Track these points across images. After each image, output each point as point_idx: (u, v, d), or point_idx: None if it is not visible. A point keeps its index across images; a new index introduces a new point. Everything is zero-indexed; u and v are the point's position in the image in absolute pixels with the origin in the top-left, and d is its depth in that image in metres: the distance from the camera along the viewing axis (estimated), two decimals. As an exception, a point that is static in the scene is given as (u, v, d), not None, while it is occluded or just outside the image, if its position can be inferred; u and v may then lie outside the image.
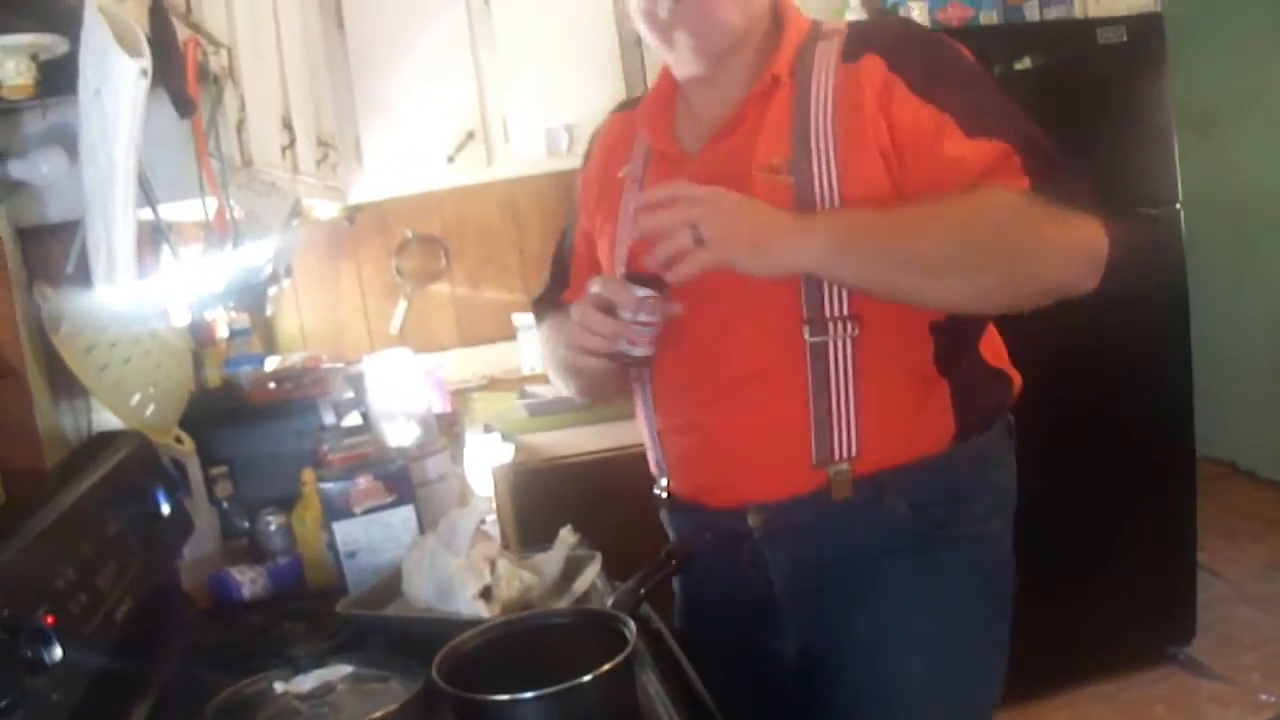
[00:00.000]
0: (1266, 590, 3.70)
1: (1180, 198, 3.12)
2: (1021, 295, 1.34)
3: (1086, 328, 3.04)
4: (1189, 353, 3.19)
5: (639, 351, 1.34)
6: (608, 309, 1.32)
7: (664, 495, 1.59)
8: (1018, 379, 1.53)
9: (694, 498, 1.53)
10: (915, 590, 1.42)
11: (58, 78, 1.30)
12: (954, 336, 1.42)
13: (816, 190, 1.35)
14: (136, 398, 1.62)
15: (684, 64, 1.49)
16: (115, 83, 1.10)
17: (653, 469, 1.61)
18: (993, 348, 1.51)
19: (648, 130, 1.56)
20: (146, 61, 1.12)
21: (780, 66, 1.42)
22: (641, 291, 1.30)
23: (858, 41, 1.41)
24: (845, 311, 1.36)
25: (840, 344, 1.37)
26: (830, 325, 1.37)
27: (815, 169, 1.36)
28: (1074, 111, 2.99)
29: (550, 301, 1.74)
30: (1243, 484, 4.67)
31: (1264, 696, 3.09)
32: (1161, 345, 3.16)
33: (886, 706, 1.44)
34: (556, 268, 1.77)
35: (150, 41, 1.21)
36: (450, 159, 3.38)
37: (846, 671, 1.45)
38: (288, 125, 2.39)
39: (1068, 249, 1.30)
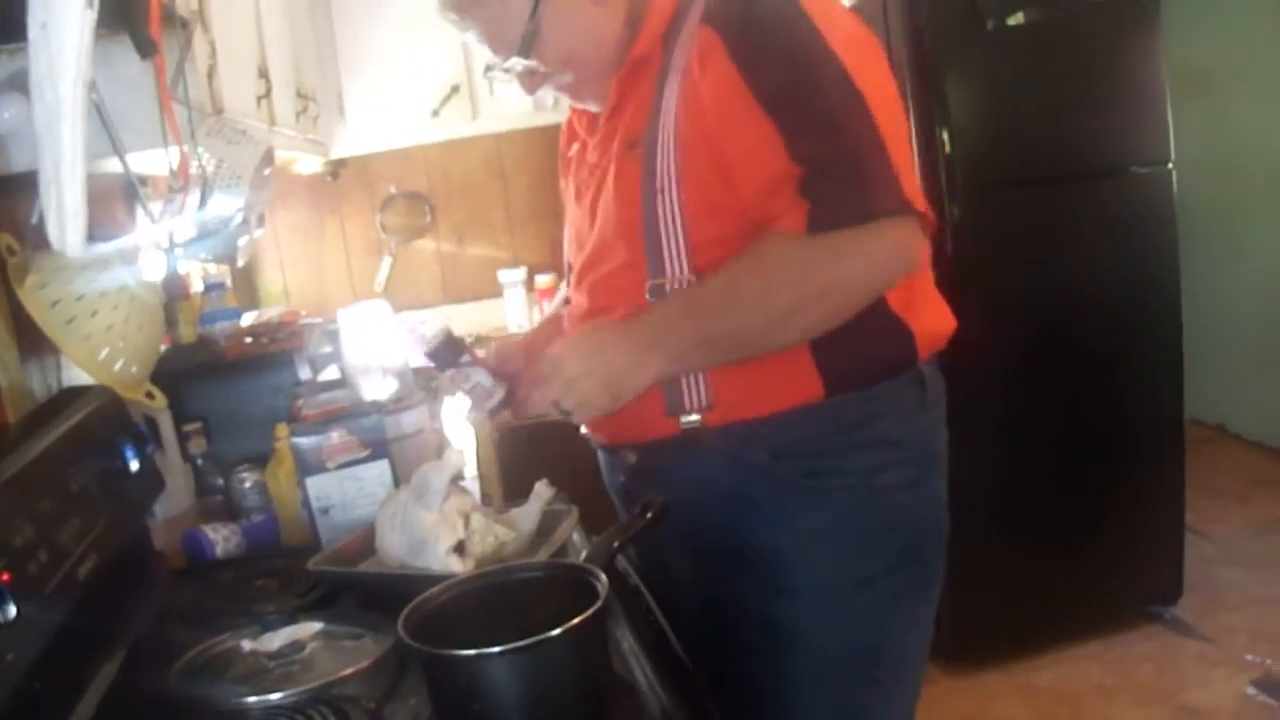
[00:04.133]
0: (1253, 551, 3.70)
1: (1173, 157, 3.08)
2: (849, 311, 1.34)
3: (1077, 289, 3.03)
4: (1179, 314, 3.17)
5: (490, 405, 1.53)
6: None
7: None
8: (939, 326, 1.48)
9: (592, 432, 1.58)
10: (782, 537, 1.42)
11: (17, 22, 1.25)
12: None
13: (659, 168, 1.36)
14: (105, 352, 1.59)
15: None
16: (60, 14, 1.06)
17: None
18: (905, 294, 1.42)
19: (571, 109, 1.61)
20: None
21: (640, 48, 1.43)
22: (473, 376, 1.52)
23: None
24: (685, 271, 1.37)
25: None
26: (669, 287, 1.39)
27: (660, 143, 1.37)
28: (1067, 69, 2.97)
29: None
30: (1231, 446, 4.66)
31: (1249, 657, 3.09)
32: (1152, 306, 3.14)
33: (757, 655, 1.45)
34: None
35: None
36: (435, 113, 3.35)
37: (725, 614, 1.47)
38: (264, 75, 2.35)
39: (870, 266, 1.32)
